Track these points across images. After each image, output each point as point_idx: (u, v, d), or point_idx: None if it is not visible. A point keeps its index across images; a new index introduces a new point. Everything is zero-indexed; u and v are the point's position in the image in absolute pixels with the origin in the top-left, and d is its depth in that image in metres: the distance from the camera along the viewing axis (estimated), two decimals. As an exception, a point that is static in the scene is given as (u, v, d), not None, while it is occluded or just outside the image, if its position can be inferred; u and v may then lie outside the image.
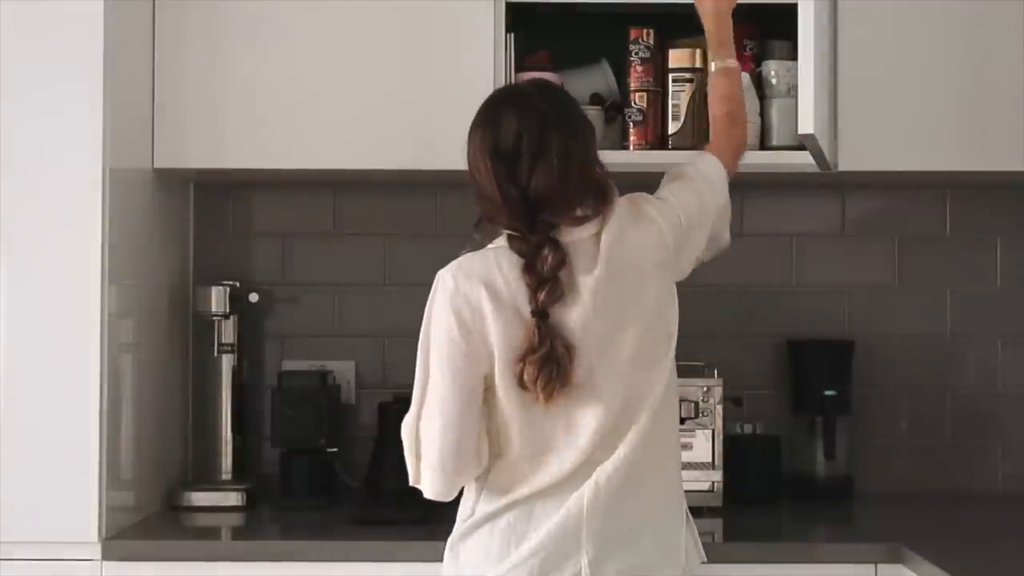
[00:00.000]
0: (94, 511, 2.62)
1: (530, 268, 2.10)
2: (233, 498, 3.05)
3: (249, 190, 3.33)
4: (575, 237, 2.14)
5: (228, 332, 3.14)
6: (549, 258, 2.09)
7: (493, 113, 2.18)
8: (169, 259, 3.14)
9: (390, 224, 3.33)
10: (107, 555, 2.62)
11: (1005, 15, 2.94)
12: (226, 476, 3.13)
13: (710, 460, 3.01)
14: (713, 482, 2.95)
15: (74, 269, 2.63)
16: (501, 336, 2.10)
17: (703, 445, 3.02)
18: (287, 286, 3.31)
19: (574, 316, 2.11)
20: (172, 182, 3.12)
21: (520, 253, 2.12)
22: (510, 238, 2.14)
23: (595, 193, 2.16)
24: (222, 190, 3.31)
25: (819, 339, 3.26)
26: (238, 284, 3.14)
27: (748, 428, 3.15)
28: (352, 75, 2.94)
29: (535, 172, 2.11)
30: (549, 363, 2.07)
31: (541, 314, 2.08)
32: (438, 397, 2.13)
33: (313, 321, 3.30)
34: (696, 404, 3.00)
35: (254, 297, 3.16)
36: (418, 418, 2.16)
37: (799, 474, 3.21)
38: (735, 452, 3.05)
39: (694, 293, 3.29)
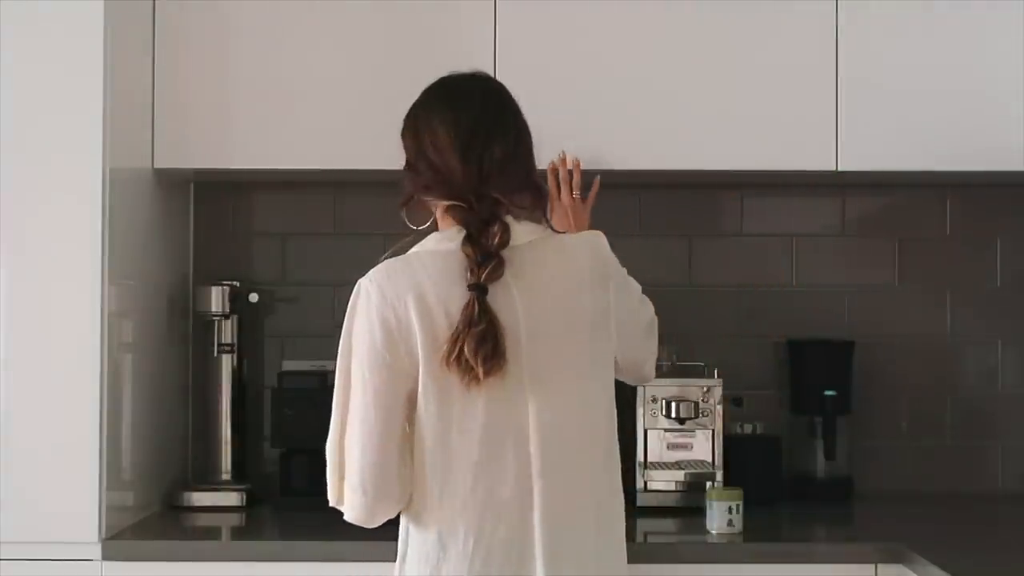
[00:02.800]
0: (94, 511, 2.62)
1: (473, 241, 2.02)
2: (233, 498, 3.05)
3: (249, 190, 3.33)
4: (519, 233, 2.08)
5: (228, 332, 3.14)
6: (498, 235, 2.02)
7: (452, 91, 2.17)
8: (169, 259, 3.14)
9: (390, 224, 3.31)
10: (107, 555, 2.62)
11: (1005, 15, 2.95)
12: (226, 476, 3.13)
13: (710, 460, 3.01)
14: (713, 482, 2.95)
15: (74, 269, 2.62)
16: (428, 344, 2.00)
17: (703, 445, 3.02)
18: (287, 286, 3.31)
19: (507, 305, 2.03)
20: (172, 182, 3.12)
21: (466, 224, 2.04)
22: (453, 209, 2.06)
23: (532, 189, 2.13)
24: (222, 190, 3.31)
25: (819, 339, 3.26)
26: (238, 284, 3.14)
27: (748, 428, 3.15)
28: (352, 75, 2.94)
29: (493, 145, 2.07)
30: (487, 339, 1.97)
31: (481, 289, 1.99)
32: (359, 415, 2.04)
33: (313, 321, 3.30)
34: (696, 404, 3.01)
35: (254, 297, 3.16)
36: (341, 435, 2.08)
37: (799, 474, 3.22)
38: (735, 452, 3.05)
39: (694, 293, 3.32)
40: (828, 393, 3.17)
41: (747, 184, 3.31)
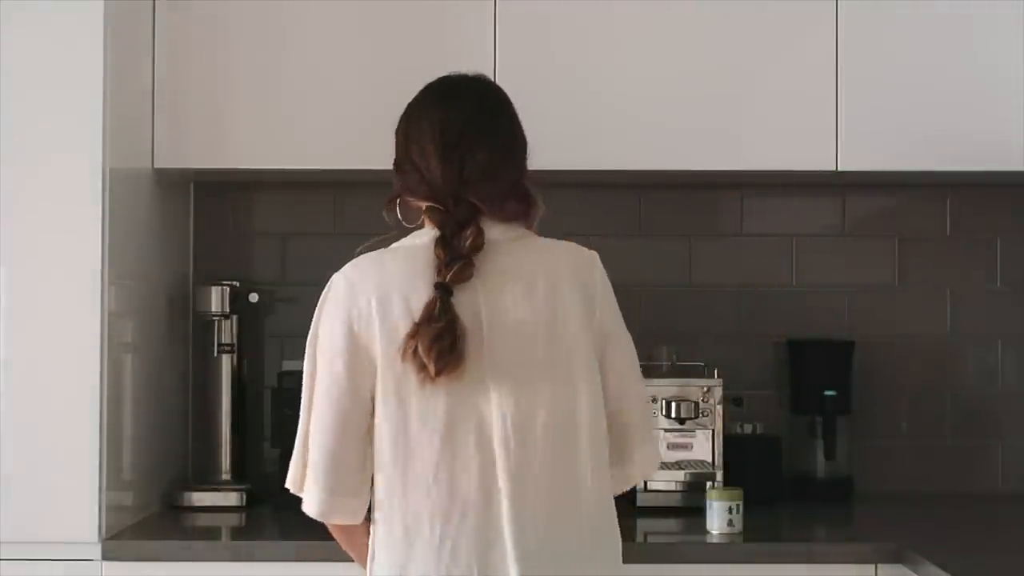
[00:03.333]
0: (94, 511, 2.62)
1: (446, 242, 2.02)
2: (233, 498, 3.05)
3: (249, 190, 3.33)
4: (496, 236, 2.07)
5: (228, 332, 3.14)
6: (471, 238, 2.02)
7: (447, 91, 2.17)
8: (169, 259, 3.14)
9: (390, 224, 3.33)
10: (107, 555, 2.62)
11: (1005, 15, 2.95)
12: (226, 476, 3.13)
13: (710, 460, 3.01)
14: (713, 482, 2.95)
15: (74, 269, 2.62)
16: (385, 339, 2.01)
17: (703, 445, 3.02)
18: (287, 286, 3.31)
19: (473, 307, 2.01)
20: (172, 182, 3.12)
21: (440, 226, 2.04)
22: (431, 210, 2.07)
23: (520, 197, 2.12)
24: (222, 190, 3.31)
25: (819, 339, 3.26)
26: (238, 284, 3.14)
27: (748, 428, 3.15)
28: (352, 75, 2.95)
29: (478, 149, 2.06)
30: (445, 336, 1.95)
31: (445, 289, 1.99)
32: (321, 407, 2.04)
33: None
34: (696, 404, 3.00)
35: (254, 297, 3.16)
36: (308, 424, 2.07)
37: (799, 474, 3.22)
38: (735, 452, 3.05)
39: (694, 293, 3.32)
40: (828, 393, 3.17)
41: (747, 184, 3.31)
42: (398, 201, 2.16)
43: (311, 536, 2.73)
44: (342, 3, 2.95)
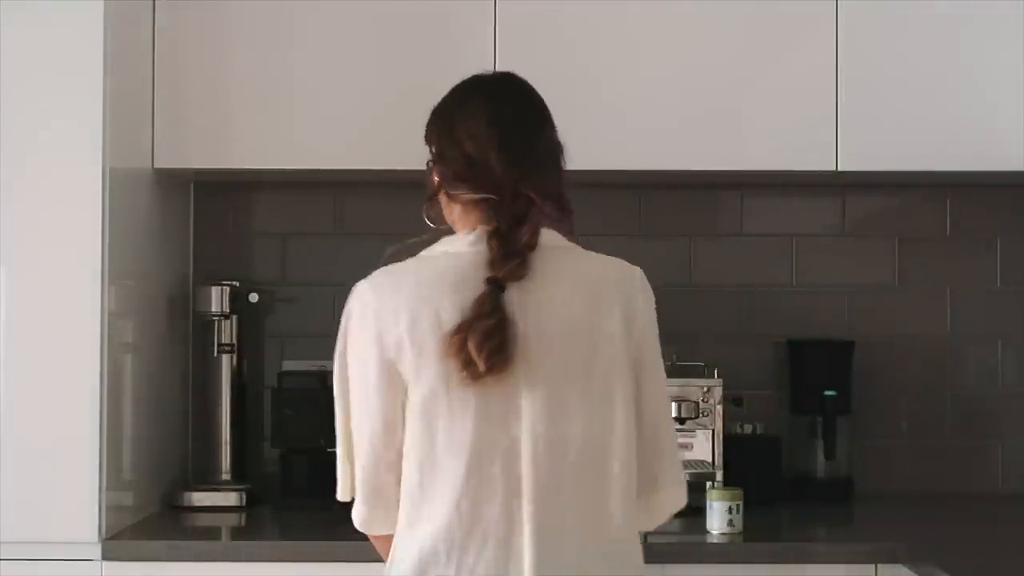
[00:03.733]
0: (94, 511, 2.62)
1: (501, 236, 1.91)
2: (233, 498, 3.05)
3: (249, 190, 3.33)
4: (543, 239, 1.97)
5: (228, 332, 3.14)
6: (527, 235, 1.92)
7: (494, 86, 2.10)
8: (169, 259, 3.14)
9: (390, 224, 3.32)
10: (107, 555, 2.62)
11: (1005, 15, 2.95)
12: (226, 476, 3.13)
13: (710, 460, 3.01)
14: (713, 482, 2.95)
15: (74, 269, 2.62)
16: (415, 353, 1.89)
17: (703, 445, 3.02)
18: (287, 286, 3.31)
19: (521, 308, 1.90)
20: (172, 182, 3.12)
21: (495, 218, 1.93)
22: (484, 203, 1.95)
23: (560, 201, 2.00)
24: (222, 190, 3.31)
25: (819, 339, 3.26)
26: (238, 284, 3.14)
27: (748, 428, 3.15)
28: (352, 75, 2.95)
29: (535, 143, 2.00)
30: (495, 335, 1.84)
31: (498, 285, 1.88)
32: (360, 425, 1.97)
33: (313, 321, 3.29)
34: (696, 404, 3.01)
35: (254, 297, 3.16)
36: (346, 434, 2.00)
37: (799, 474, 3.22)
38: (735, 452, 3.05)
39: (694, 293, 3.32)
40: (828, 393, 3.17)
41: (747, 184, 3.31)
42: (434, 199, 2.06)
43: (311, 536, 2.74)
44: (342, 3, 2.95)
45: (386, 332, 1.92)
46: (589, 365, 1.93)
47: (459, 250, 1.97)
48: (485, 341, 1.84)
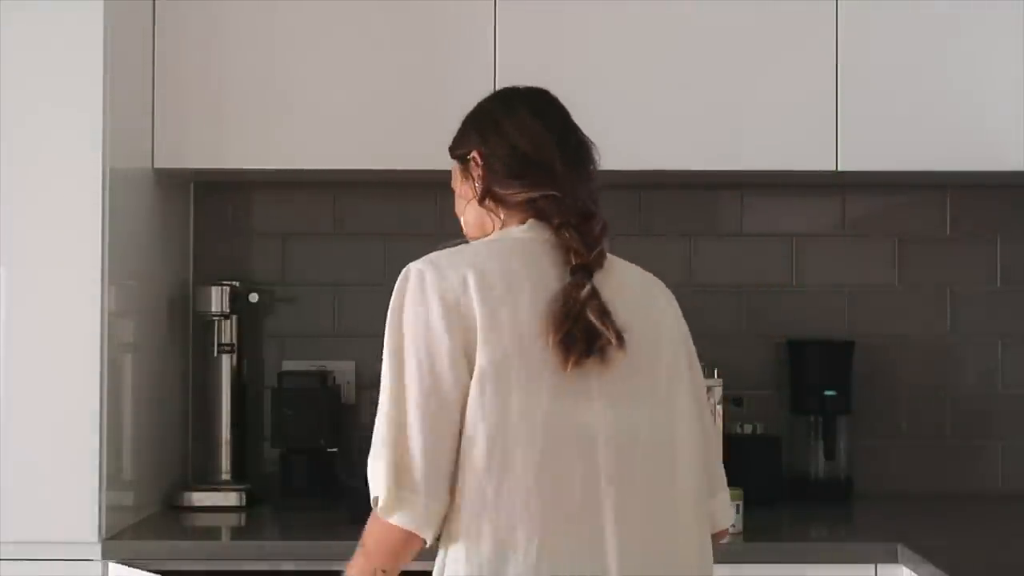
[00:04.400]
0: (94, 511, 2.62)
1: (574, 227, 1.87)
2: (233, 498, 3.05)
3: (249, 190, 3.33)
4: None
5: (228, 332, 3.14)
6: (601, 226, 1.89)
7: (530, 95, 2.03)
8: (169, 259, 3.14)
9: (390, 224, 3.34)
10: (107, 555, 2.62)
11: (1005, 15, 2.95)
12: (226, 476, 3.13)
13: (710, 460, 3.01)
14: (713, 482, 2.95)
15: (74, 269, 2.62)
16: (488, 325, 1.78)
17: (703, 445, 3.02)
18: (287, 286, 3.31)
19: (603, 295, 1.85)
20: (172, 182, 3.12)
21: (560, 213, 1.88)
22: (545, 200, 1.90)
23: (598, 216, 2.00)
24: (222, 190, 3.31)
25: (819, 339, 3.26)
26: (238, 284, 3.14)
27: (748, 428, 3.15)
28: (352, 75, 2.95)
29: (586, 149, 1.99)
30: (607, 317, 1.80)
31: (587, 271, 1.83)
32: (413, 407, 1.79)
33: (313, 321, 3.30)
34: (696, 404, 3.00)
35: (254, 297, 3.16)
36: (393, 422, 1.80)
37: (799, 474, 3.22)
38: (735, 452, 3.05)
39: (694, 293, 3.32)
40: (828, 393, 3.17)
41: (747, 184, 3.31)
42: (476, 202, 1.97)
43: (311, 536, 2.74)
44: (342, 3, 2.95)
45: (450, 293, 1.81)
46: (655, 359, 1.89)
47: (525, 236, 1.90)
48: (604, 318, 1.80)
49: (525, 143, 1.93)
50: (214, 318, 3.11)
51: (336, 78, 2.95)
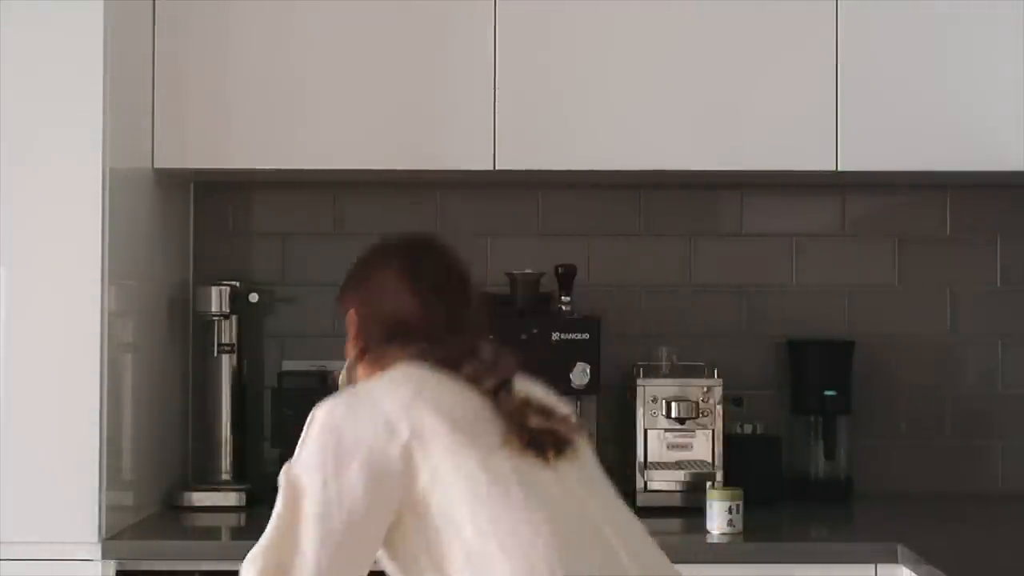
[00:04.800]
0: (94, 511, 2.62)
1: (463, 364, 1.85)
2: (233, 498, 3.05)
3: (249, 190, 3.33)
4: None
5: (228, 332, 3.14)
6: (489, 351, 1.88)
7: (411, 250, 2.05)
8: (169, 259, 3.14)
9: (390, 224, 3.33)
10: (107, 555, 2.62)
11: (1005, 15, 2.95)
12: (226, 476, 3.13)
13: (710, 460, 3.01)
14: (713, 482, 2.95)
15: (74, 269, 2.62)
16: (447, 429, 1.76)
17: (703, 445, 3.02)
18: (287, 286, 3.31)
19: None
20: (172, 182, 3.12)
21: (446, 356, 1.86)
22: (432, 347, 1.87)
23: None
24: (222, 190, 3.31)
25: (819, 339, 3.26)
26: (238, 284, 3.14)
27: (748, 428, 3.15)
28: (352, 75, 2.95)
29: (458, 295, 1.96)
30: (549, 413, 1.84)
31: (507, 382, 1.84)
32: (337, 544, 1.75)
33: (313, 321, 3.30)
34: (696, 404, 3.01)
35: (254, 297, 3.16)
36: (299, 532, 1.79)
37: (799, 474, 3.21)
38: (735, 452, 3.05)
39: (694, 293, 3.32)
40: (828, 393, 3.17)
41: (747, 184, 3.31)
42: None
43: (311, 536, 2.73)
44: (342, 3, 2.95)
45: (387, 416, 1.77)
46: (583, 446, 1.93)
47: (417, 369, 1.86)
48: (549, 418, 1.82)
49: (396, 306, 1.92)
50: (214, 318, 3.11)
51: (336, 78, 2.95)
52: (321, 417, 1.81)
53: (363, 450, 1.75)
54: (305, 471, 1.79)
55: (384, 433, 1.76)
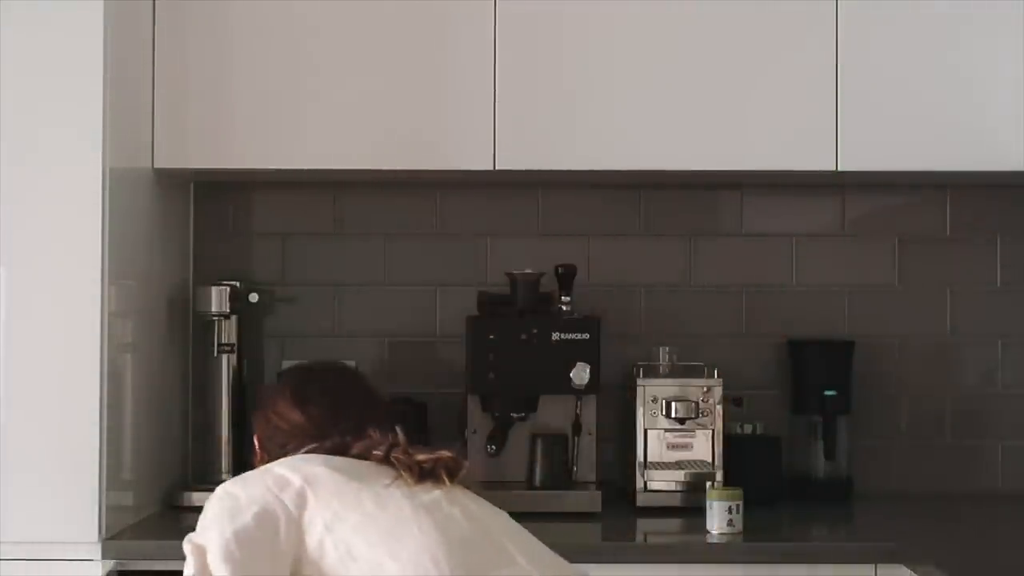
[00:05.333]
0: (94, 511, 2.62)
1: (352, 446, 2.04)
2: (233, 498, 3.05)
3: (249, 190, 3.33)
4: None
5: (228, 332, 3.13)
6: (379, 433, 2.06)
7: (302, 371, 2.34)
8: (169, 259, 3.14)
9: (390, 224, 3.34)
10: (107, 555, 2.62)
11: (1005, 15, 2.95)
12: (226, 476, 3.12)
13: (710, 460, 3.01)
14: (713, 482, 2.95)
15: (74, 269, 2.62)
16: (330, 481, 1.93)
17: (703, 445, 3.02)
18: (287, 286, 3.31)
19: None
20: (172, 182, 3.12)
21: (337, 446, 2.05)
22: (322, 443, 2.07)
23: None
24: (222, 190, 3.31)
25: (819, 339, 3.26)
26: (238, 284, 3.14)
27: (748, 428, 3.15)
28: (352, 75, 2.95)
29: (343, 401, 2.17)
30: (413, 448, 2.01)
31: (395, 449, 2.01)
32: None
33: (313, 321, 3.30)
34: (696, 404, 3.01)
35: (254, 297, 3.16)
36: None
37: (799, 474, 3.21)
38: (735, 452, 3.05)
39: (694, 293, 3.33)
40: (828, 393, 3.17)
41: (747, 184, 3.31)
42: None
43: (311, 536, 2.73)
44: (342, 3, 2.95)
45: (277, 473, 1.95)
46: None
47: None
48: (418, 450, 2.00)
49: (287, 421, 2.15)
50: (214, 318, 3.11)
51: (336, 78, 2.95)
52: (217, 492, 1.97)
53: (257, 503, 1.89)
54: (204, 531, 1.91)
55: (275, 486, 1.91)
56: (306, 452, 2.05)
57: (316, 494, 1.90)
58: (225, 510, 1.90)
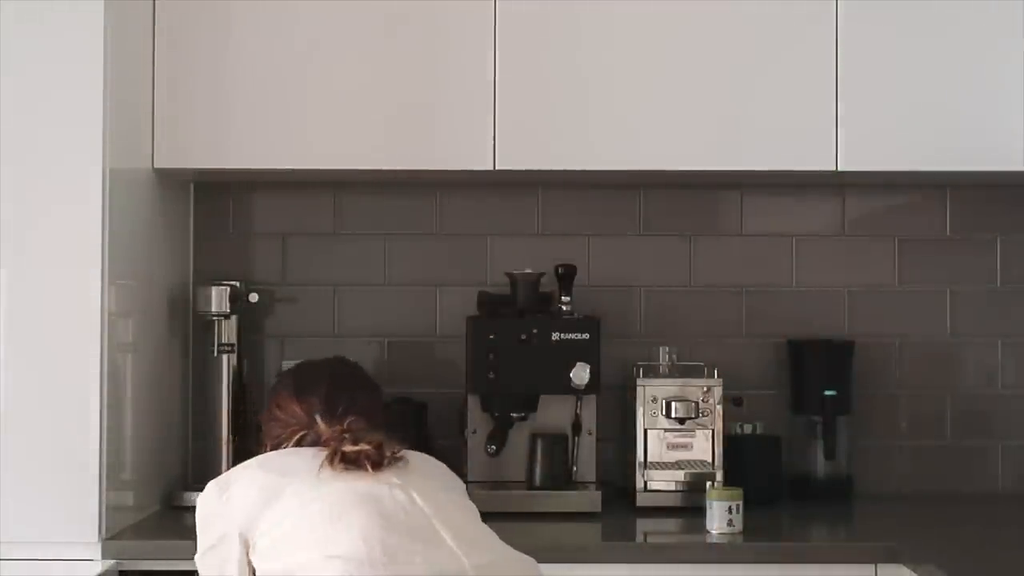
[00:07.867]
0: (94, 511, 2.62)
1: (330, 440, 2.20)
2: (233, 498, 3.05)
3: (249, 190, 3.33)
4: None
5: (228, 332, 3.14)
6: (360, 427, 2.22)
7: (306, 367, 2.46)
8: (169, 259, 3.14)
9: (390, 224, 3.34)
10: (107, 555, 2.62)
11: (1005, 15, 2.95)
12: (226, 476, 3.12)
13: (710, 460, 3.01)
14: (713, 482, 2.95)
15: (74, 269, 2.62)
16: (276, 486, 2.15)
17: (703, 445, 3.02)
18: (287, 286, 3.31)
19: None
20: (172, 182, 3.12)
21: (318, 439, 2.23)
22: (308, 433, 2.27)
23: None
24: (222, 190, 3.31)
25: (819, 339, 3.26)
26: (238, 284, 3.14)
27: (748, 428, 3.15)
28: (352, 75, 2.95)
29: (335, 395, 2.32)
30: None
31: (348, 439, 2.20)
32: None
33: (313, 321, 3.30)
34: (696, 404, 3.01)
35: (254, 297, 3.16)
36: None
37: (799, 474, 3.21)
38: (735, 452, 3.05)
39: (694, 293, 3.33)
40: (828, 393, 3.17)
41: (747, 184, 3.31)
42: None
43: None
44: (342, 3, 2.95)
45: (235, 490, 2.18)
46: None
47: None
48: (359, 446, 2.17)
49: (286, 411, 2.32)
50: (214, 318, 3.11)
51: (336, 78, 2.95)
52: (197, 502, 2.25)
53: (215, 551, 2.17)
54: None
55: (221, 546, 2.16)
56: (295, 444, 2.26)
57: (254, 529, 2.11)
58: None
